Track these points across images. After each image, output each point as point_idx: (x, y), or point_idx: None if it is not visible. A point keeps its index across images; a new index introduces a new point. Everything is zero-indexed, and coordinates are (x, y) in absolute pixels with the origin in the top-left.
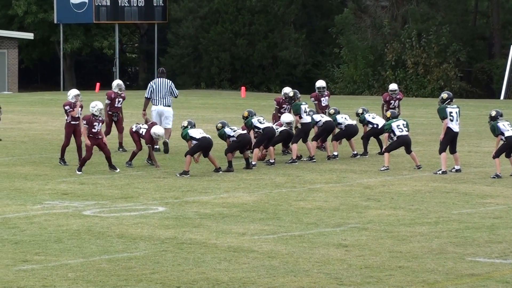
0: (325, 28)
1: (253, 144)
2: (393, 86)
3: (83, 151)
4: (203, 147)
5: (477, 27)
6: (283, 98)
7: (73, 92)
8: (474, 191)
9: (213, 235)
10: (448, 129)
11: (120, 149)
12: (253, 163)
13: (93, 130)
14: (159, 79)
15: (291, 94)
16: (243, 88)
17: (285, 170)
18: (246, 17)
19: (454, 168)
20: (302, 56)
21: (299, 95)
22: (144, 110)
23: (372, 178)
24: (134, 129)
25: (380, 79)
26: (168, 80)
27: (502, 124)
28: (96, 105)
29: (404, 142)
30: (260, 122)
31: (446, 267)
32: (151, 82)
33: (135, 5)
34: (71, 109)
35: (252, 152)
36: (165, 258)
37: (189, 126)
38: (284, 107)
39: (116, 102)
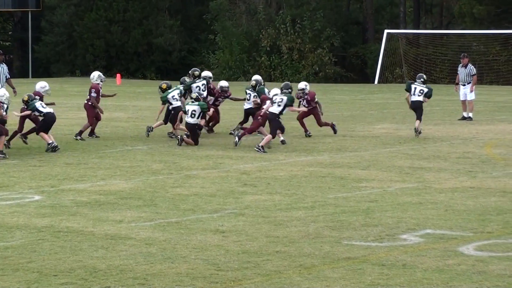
0: (200, 15)
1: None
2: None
3: None
4: (48, 122)
5: (350, 12)
6: (219, 91)
7: None
8: (349, 175)
9: (90, 223)
10: None
11: (94, 135)
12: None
13: None
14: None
15: (225, 85)
16: (118, 75)
17: (162, 157)
18: (120, 4)
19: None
20: (177, 42)
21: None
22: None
23: (249, 164)
24: None
25: (255, 65)
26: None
27: (414, 87)
28: (5, 94)
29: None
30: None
31: (322, 251)
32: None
33: None
34: None
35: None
36: (41, 246)
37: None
38: (219, 100)
39: (100, 94)
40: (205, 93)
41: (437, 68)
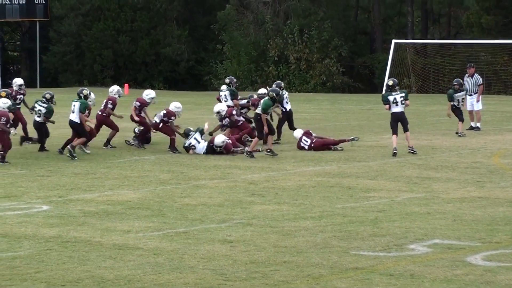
0: (207, 25)
1: None
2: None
3: None
4: None
5: (358, 22)
6: (258, 98)
7: None
8: (357, 185)
9: (98, 233)
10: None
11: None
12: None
13: None
14: None
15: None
16: (126, 85)
17: (170, 167)
18: (128, 14)
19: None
20: (185, 52)
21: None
22: None
23: (256, 174)
24: None
25: (263, 74)
26: None
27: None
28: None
29: None
30: None
31: (330, 261)
32: None
33: (16, 2)
34: None
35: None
36: (49, 257)
37: None
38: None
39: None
40: (227, 103)
41: (445, 78)
